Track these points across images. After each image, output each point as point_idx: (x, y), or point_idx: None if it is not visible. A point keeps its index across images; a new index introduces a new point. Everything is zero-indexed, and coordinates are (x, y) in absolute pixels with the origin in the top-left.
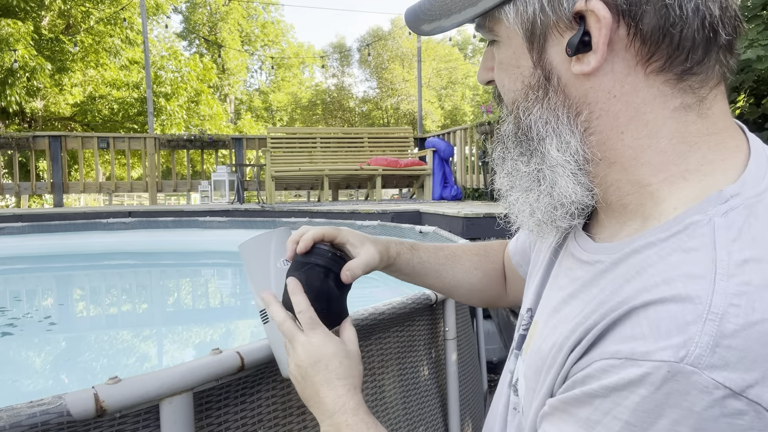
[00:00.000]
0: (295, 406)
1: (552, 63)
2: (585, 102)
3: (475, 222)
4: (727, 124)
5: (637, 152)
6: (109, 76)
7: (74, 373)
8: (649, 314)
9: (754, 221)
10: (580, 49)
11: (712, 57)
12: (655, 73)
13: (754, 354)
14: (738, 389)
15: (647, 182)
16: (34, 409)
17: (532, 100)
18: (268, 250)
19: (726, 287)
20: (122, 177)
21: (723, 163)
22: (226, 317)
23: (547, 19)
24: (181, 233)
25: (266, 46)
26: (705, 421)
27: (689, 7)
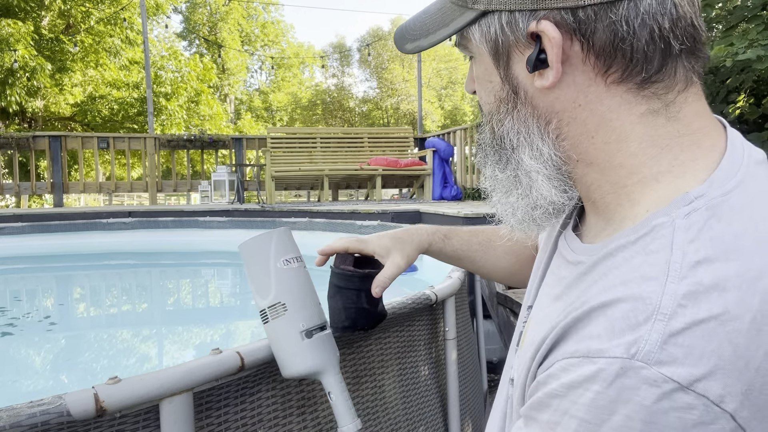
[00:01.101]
0: (295, 406)
1: (517, 78)
2: (553, 111)
3: (475, 222)
4: (702, 125)
5: (610, 155)
6: (109, 76)
7: (74, 373)
8: (606, 314)
9: (714, 222)
10: (538, 65)
11: (671, 65)
12: (615, 83)
13: (701, 350)
14: (686, 383)
15: (623, 183)
16: (34, 409)
17: (503, 112)
18: (268, 251)
19: (676, 288)
20: (122, 177)
21: (694, 164)
22: (226, 317)
23: (507, 38)
24: (181, 233)
25: (266, 46)
26: (655, 414)
27: (636, 23)
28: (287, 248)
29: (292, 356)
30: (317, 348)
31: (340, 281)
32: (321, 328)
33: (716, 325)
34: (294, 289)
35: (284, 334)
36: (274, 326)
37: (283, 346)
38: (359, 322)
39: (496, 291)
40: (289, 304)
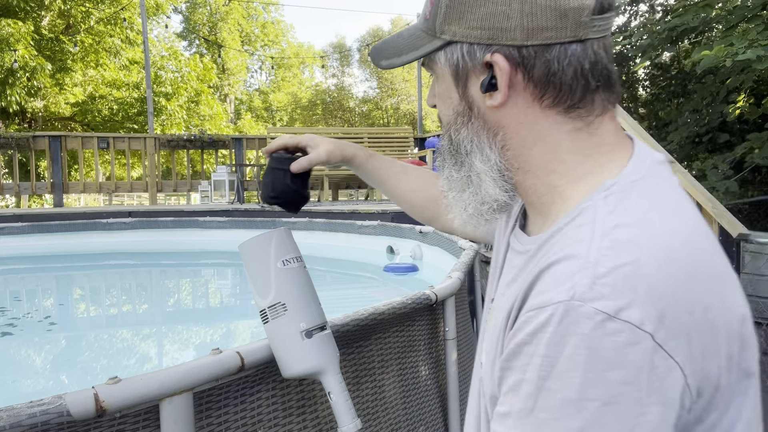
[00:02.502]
0: (295, 407)
1: (473, 97)
2: (500, 126)
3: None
4: (615, 139)
5: (545, 163)
6: (109, 76)
7: (74, 373)
8: (551, 272)
9: (626, 200)
10: (489, 88)
11: (590, 96)
12: (548, 107)
13: (621, 287)
14: (612, 313)
15: (556, 185)
16: (34, 409)
17: (460, 124)
18: (268, 251)
19: (599, 244)
20: (122, 177)
21: (609, 165)
22: (226, 317)
23: (466, 64)
24: (181, 233)
25: (266, 46)
26: (594, 340)
27: (564, 63)
28: (287, 248)
29: (292, 356)
30: (317, 348)
31: (273, 162)
32: (321, 328)
33: (632, 269)
34: (294, 289)
35: (284, 334)
36: (275, 326)
37: (283, 346)
38: (283, 196)
39: None
40: (289, 304)
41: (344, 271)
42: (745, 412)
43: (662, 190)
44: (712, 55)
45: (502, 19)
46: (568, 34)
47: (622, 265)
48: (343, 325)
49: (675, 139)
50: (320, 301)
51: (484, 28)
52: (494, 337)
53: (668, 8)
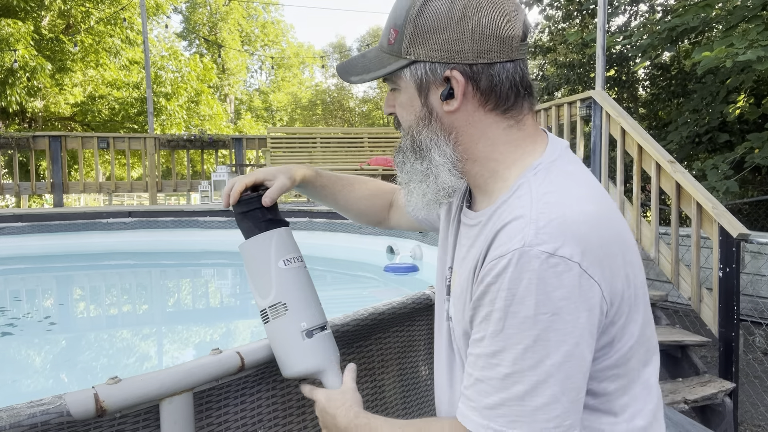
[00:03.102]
0: (295, 406)
1: (432, 104)
2: (453, 127)
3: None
4: (535, 131)
5: (487, 154)
6: (110, 76)
7: (74, 373)
8: (505, 230)
9: (550, 174)
10: (447, 97)
11: (521, 101)
12: (490, 110)
13: (556, 233)
14: (551, 251)
15: (496, 169)
16: (34, 409)
17: (422, 126)
18: (268, 251)
19: (537, 206)
20: (122, 177)
21: (533, 151)
22: (226, 317)
23: (428, 79)
24: (181, 233)
25: (266, 46)
26: (542, 272)
27: (503, 77)
28: (287, 248)
29: (292, 356)
30: (318, 348)
31: (243, 207)
32: (322, 327)
33: (561, 220)
34: (295, 288)
35: (285, 334)
36: (275, 326)
37: (283, 345)
38: (270, 228)
39: None
40: (290, 303)
41: (344, 271)
42: (641, 314)
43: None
44: (712, 56)
45: (457, 44)
46: (504, 55)
47: (555, 219)
48: (343, 325)
49: (675, 139)
50: (320, 301)
51: (443, 50)
52: (461, 289)
53: (668, 8)
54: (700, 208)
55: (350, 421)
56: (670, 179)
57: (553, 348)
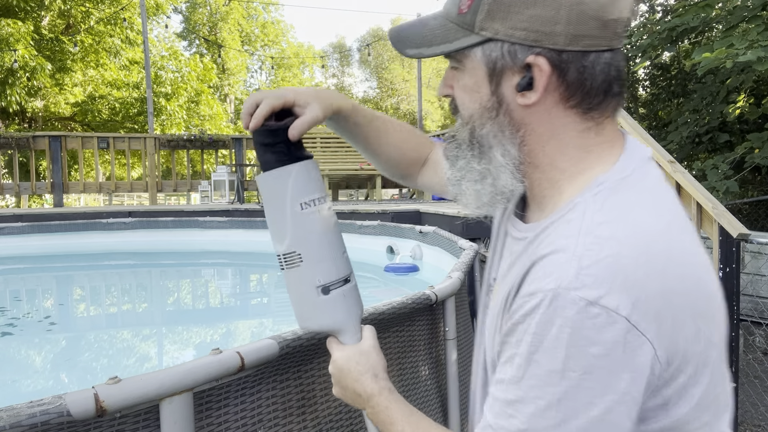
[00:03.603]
0: (295, 407)
1: (504, 93)
2: (523, 123)
3: (475, 222)
4: (615, 136)
5: (552, 160)
6: (110, 76)
7: (74, 373)
8: (542, 263)
9: (612, 196)
10: (524, 87)
11: (608, 100)
12: (570, 107)
13: (602, 278)
14: (593, 299)
15: (557, 180)
16: (34, 409)
17: (486, 118)
18: (284, 191)
19: (585, 240)
20: (122, 177)
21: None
22: (226, 317)
23: (505, 63)
24: (181, 233)
25: (266, 46)
26: (577, 322)
27: (597, 69)
28: (307, 188)
29: (306, 311)
30: (335, 305)
31: (265, 138)
32: (344, 281)
33: (611, 262)
34: (312, 238)
35: (299, 287)
36: (289, 276)
37: (297, 298)
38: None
39: None
40: (305, 255)
41: None
42: (708, 375)
43: (646, 186)
44: (712, 57)
45: (548, 24)
46: (605, 43)
47: (604, 258)
48: None
49: (675, 139)
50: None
51: (529, 30)
52: (495, 314)
53: (668, 8)
54: (700, 208)
55: (371, 395)
56: (669, 179)
57: (580, 410)
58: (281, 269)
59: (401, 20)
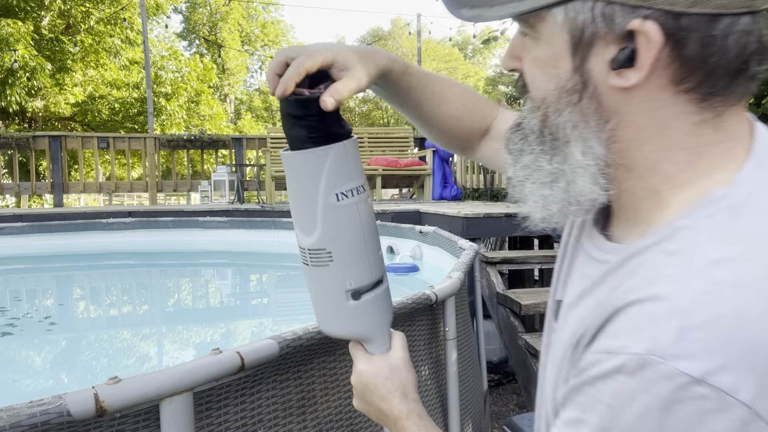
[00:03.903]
0: (296, 407)
1: (591, 71)
2: (615, 112)
3: (475, 222)
4: (740, 133)
5: (654, 163)
6: (110, 76)
7: (74, 373)
8: (630, 313)
9: (735, 221)
10: (622, 64)
11: (737, 83)
12: (683, 92)
13: (715, 345)
14: (699, 376)
15: (658, 189)
16: (34, 409)
17: (564, 103)
18: (318, 177)
19: (694, 286)
20: (122, 177)
21: (724, 166)
22: (226, 317)
23: (597, 30)
24: (181, 233)
25: (266, 46)
26: (672, 403)
27: (729, 41)
28: (346, 175)
29: (331, 316)
30: (365, 312)
31: (295, 109)
32: (376, 283)
33: (730, 322)
34: (346, 235)
35: (325, 289)
36: (314, 274)
37: (322, 300)
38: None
39: (496, 291)
40: (336, 254)
41: None
42: None
43: None
44: None
45: None
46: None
47: (719, 317)
48: None
49: None
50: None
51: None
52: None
53: None
54: None
55: (399, 417)
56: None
57: None
58: (304, 264)
59: (401, 20)
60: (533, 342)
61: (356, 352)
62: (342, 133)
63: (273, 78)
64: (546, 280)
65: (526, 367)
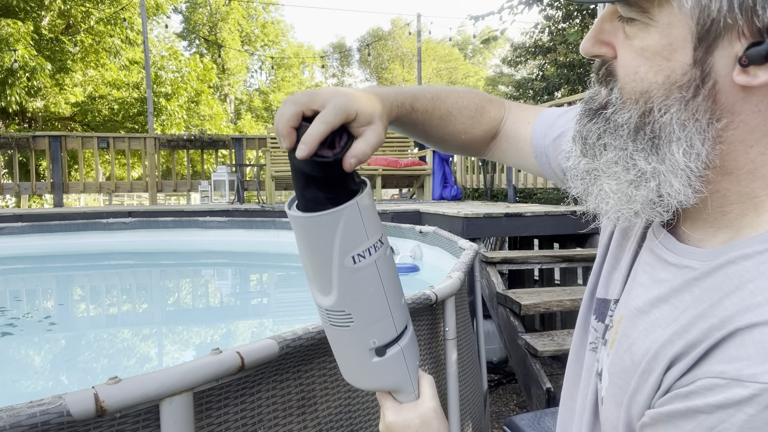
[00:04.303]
0: (296, 407)
1: (714, 66)
2: (730, 111)
3: (475, 222)
4: None
5: (758, 166)
6: (110, 76)
7: (74, 373)
8: (755, 336)
9: None
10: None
11: None
12: None
13: None
14: None
15: (756, 194)
16: (34, 409)
17: (674, 99)
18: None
19: None
20: (122, 177)
21: None
22: (226, 317)
23: (733, 21)
24: (181, 233)
25: (266, 46)
26: None
27: None
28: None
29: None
30: (391, 366)
31: (317, 171)
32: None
33: None
34: (366, 297)
35: (347, 348)
36: (335, 333)
37: (344, 357)
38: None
39: (496, 291)
40: (355, 315)
41: None
42: None
43: None
44: None
45: None
46: None
47: None
48: None
49: None
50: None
51: None
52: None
53: None
54: None
55: None
56: None
57: None
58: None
59: (401, 20)
60: (533, 342)
61: (384, 401)
62: (357, 187)
63: (289, 132)
64: (546, 280)
65: (526, 367)
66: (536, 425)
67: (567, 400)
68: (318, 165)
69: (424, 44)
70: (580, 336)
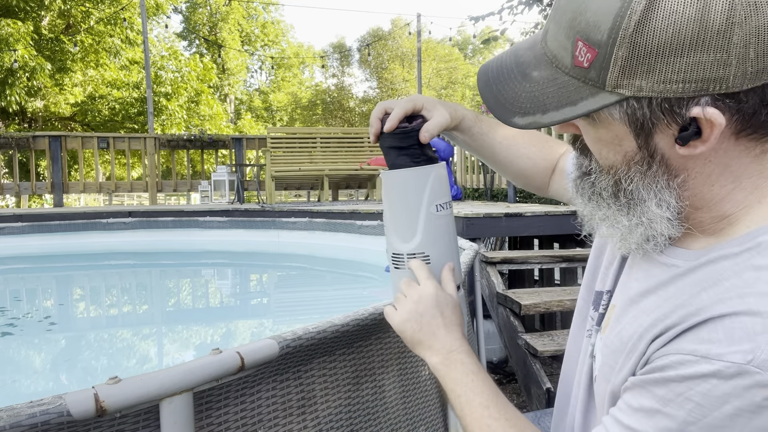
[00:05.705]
0: (295, 407)
1: (657, 145)
2: (684, 168)
3: (475, 222)
4: None
5: (723, 196)
6: (110, 76)
7: (74, 373)
8: (725, 324)
9: None
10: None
11: None
12: (743, 137)
13: None
14: None
15: (729, 213)
16: (34, 409)
17: (634, 172)
18: (422, 191)
19: None
20: (122, 177)
21: None
22: (226, 317)
23: (656, 119)
24: (181, 233)
25: (266, 46)
26: (762, 408)
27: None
28: (442, 190)
29: None
30: None
31: (400, 141)
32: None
33: None
34: (442, 241)
35: None
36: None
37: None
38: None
39: (496, 291)
40: (433, 257)
41: (344, 271)
42: None
43: None
44: None
45: (716, 67)
46: None
47: None
48: (343, 325)
49: None
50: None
51: (688, 81)
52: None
53: None
54: None
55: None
56: None
57: None
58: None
59: (401, 20)
60: (533, 342)
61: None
62: (435, 158)
63: (376, 122)
64: (546, 280)
65: (526, 367)
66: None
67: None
68: (401, 135)
69: (424, 44)
70: (579, 324)
